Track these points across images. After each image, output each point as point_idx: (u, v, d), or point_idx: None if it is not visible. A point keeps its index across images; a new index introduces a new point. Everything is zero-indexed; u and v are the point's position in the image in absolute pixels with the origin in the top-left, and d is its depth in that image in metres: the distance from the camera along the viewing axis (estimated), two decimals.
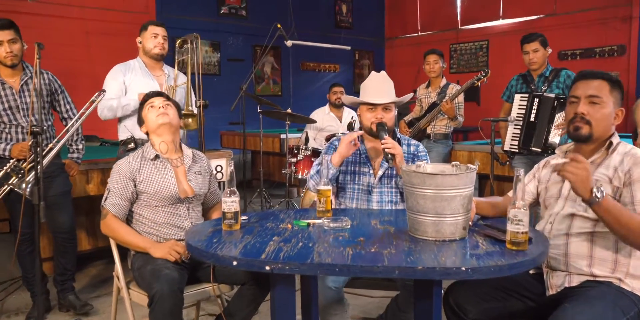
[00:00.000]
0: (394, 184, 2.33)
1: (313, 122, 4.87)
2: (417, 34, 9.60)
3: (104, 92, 2.78)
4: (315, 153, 4.45)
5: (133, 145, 2.89)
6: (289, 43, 5.06)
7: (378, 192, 2.33)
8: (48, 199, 2.73)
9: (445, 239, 1.62)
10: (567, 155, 1.64)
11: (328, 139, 4.33)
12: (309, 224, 1.87)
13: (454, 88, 4.31)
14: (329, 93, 5.19)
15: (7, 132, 2.75)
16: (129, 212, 2.22)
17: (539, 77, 3.63)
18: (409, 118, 4.56)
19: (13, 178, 2.55)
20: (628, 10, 7.12)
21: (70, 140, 2.97)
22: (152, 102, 2.30)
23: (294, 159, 4.50)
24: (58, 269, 2.93)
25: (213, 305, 2.94)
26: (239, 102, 4.79)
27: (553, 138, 3.32)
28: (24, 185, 2.45)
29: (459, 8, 8.96)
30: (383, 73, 2.34)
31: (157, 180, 2.20)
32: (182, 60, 3.03)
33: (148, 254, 2.09)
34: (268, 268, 1.44)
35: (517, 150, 3.57)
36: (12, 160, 2.58)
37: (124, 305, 2.18)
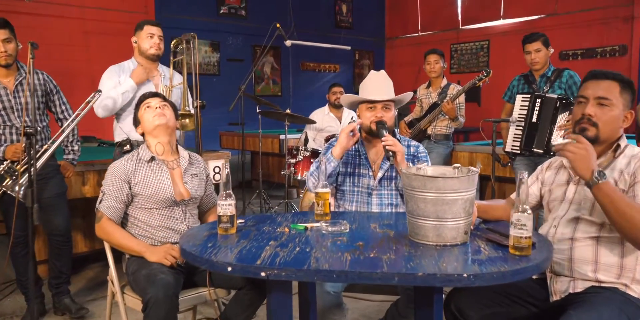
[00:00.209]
0: (394, 186, 2.29)
1: (312, 122, 4.83)
2: (417, 34, 9.56)
3: (100, 92, 2.74)
4: (315, 154, 4.41)
5: (129, 147, 2.85)
6: (288, 43, 5.02)
7: (378, 194, 2.29)
8: (43, 201, 2.71)
9: (447, 244, 1.58)
10: (569, 137, 1.62)
11: (328, 140, 4.29)
12: (307, 228, 1.83)
13: (455, 88, 4.27)
14: (329, 93, 5.15)
15: (1, 133, 2.71)
16: (124, 214, 2.18)
17: (541, 77, 3.59)
18: (409, 118, 4.52)
19: (7, 180, 2.51)
20: (630, 10, 7.07)
21: (66, 141, 2.93)
22: (148, 102, 2.27)
23: (293, 160, 4.45)
24: (53, 272, 2.89)
25: (210, 308, 2.90)
26: (238, 102, 4.75)
27: (556, 139, 3.28)
28: (18, 188, 2.41)
29: (460, 8, 8.92)
30: (382, 72, 2.30)
31: (152, 183, 2.16)
32: (178, 60, 2.98)
33: (143, 258, 2.06)
34: (263, 274, 1.40)
35: (518, 152, 3.53)
36: (5, 162, 2.55)
37: (119, 310, 2.14)
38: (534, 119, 3.40)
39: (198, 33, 2.94)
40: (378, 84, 2.26)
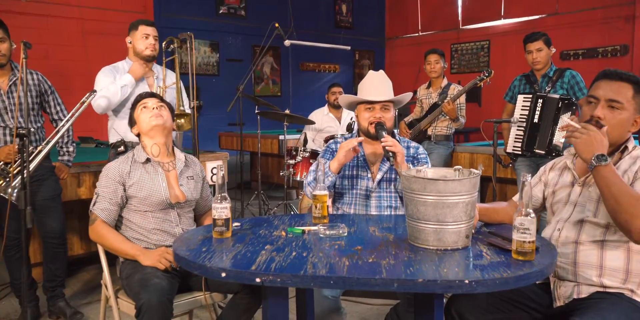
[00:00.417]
0: (393, 188, 2.24)
1: (311, 123, 4.78)
2: (417, 34, 9.52)
3: (95, 92, 2.70)
4: (314, 155, 4.36)
5: (123, 149, 2.81)
6: (287, 42, 4.98)
7: (377, 196, 2.24)
8: (37, 203, 2.67)
9: (447, 248, 1.53)
10: (578, 123, 1.62)
11: (327, 141, 4.24)
12: (304, 231, 1.79)
13: (456, 88, 4.22)
14: (328, 93, 5.11)
15: None
16: (118, 217, 2.13)
17: (543, 77, 3.55)
18: (409, 119, 4.47)
19: (0, 182, 2.47)
20: (631, 10, 7.02)
21: (61, 142, 2.89)
22: (145, 102, 2.23)
23: (292, 161, 4.41)
24: (48, 275, 2.85)
25: (207, 312, 2.85)
26: (236, 102, 4.70)
27: (558, 140, 3.23)
28: (10, 190, 2.36)
29: (460, 8, 8.88)
30: (381, 72, 2.26)
31: (147, 185, 2.12)
32: (171, 60, 2.93)
33: (137, 262, 2.01)
34: (258, 280, 1.36)
35: (520, 153, 3.49)
36: None
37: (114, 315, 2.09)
38: (536, 120, 3.36)
39: (197, 33, 2.90)
40: (377, 84, 2.21)
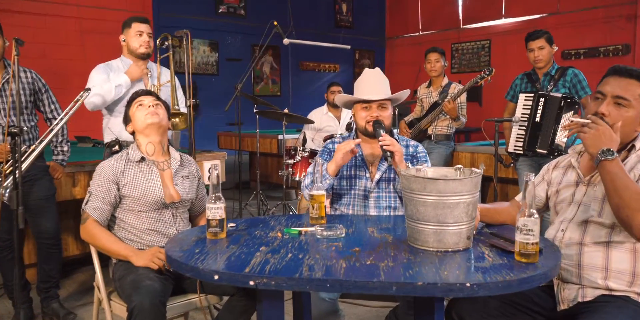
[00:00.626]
0: (392, 188, 2.20)
1: (310, 122, 4.74)
2: (418, 33, 9.46)
3: (89, 90, 2.65)
4: (313, 154, 4.32)
5: (118, 148, 2.76)
6: (286, 41, 4.93)
7: (375, 197, 2.20)
8: (31, 203, 2.63)
9: (448, 250, 1.49)
10: (588, 117, 1.59)
11: (326, 140, 4.20)
12: (301, 232, 1.74)
13: (456, 87, 4.18)
14: (327, 93, 5.07)
15: None
16: (111, 217, 2.09)
17: (545, 75, 3.50)
18: (410, 118, 4.43)
19: None
20: (633, 9, 6.97)
21: (55, 142, 2.84)
22: (140, 100, 2.18)
23: (291, 161, 4.37)
24: (42, 276, 2.80)
25: (203, 315, 2.81)
26: (234, 102, 4.65)
27: (560, 139, 3.19)
28: (2, 190, 2.31)
29: (461, 7, 8.83)
30: (377, 70, 2.21)
31: (141, 184, 2.08)
32: (166, 58, 2.89)
33: (130, 263, 1.96)
34: (252, 283, 1.31)
35: (521, 152, 3.44)
36: None
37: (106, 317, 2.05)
38: (538, 119, 3.31)
39: (196, 32, 2.86)
40: (373, 83, 2.17)
